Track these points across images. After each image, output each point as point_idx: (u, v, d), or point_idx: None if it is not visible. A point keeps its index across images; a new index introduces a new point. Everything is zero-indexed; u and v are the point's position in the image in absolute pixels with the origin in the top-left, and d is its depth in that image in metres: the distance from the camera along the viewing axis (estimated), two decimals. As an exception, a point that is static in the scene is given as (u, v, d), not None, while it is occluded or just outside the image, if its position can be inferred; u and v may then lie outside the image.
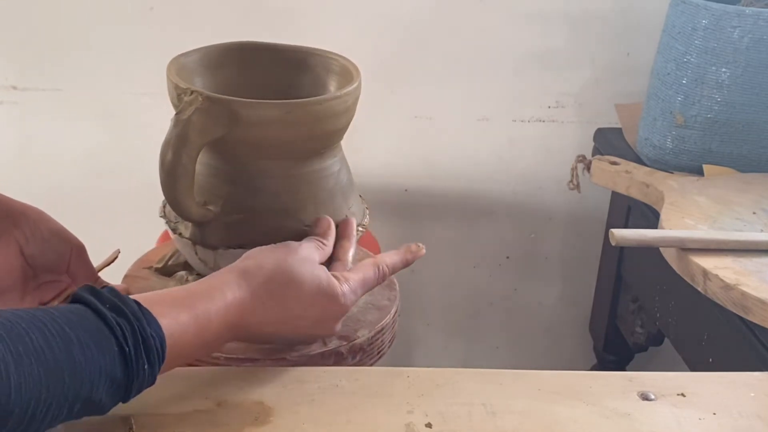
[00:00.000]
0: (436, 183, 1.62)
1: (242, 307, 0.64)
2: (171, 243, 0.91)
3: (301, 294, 0.67)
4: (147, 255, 0.92)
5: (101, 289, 0.57)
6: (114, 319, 0.55)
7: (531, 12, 1.51)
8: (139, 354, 0.55)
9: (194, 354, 0.63)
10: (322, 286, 0.68)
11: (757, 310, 0.89)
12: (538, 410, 0.65)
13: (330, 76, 0.85)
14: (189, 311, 0.61)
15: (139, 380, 0.56)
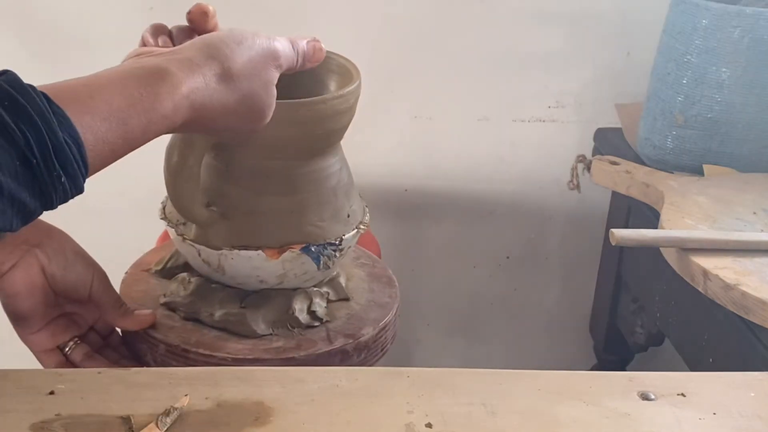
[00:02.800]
0: (436, 183, 1.62)
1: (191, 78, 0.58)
2: (169, 244, 0.91)
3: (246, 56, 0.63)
4: (145, 256, 0.92)
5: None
6: (14, 122, 0.45)
7: (531, 12, 1.51)
8: (51, 165, 0.47)
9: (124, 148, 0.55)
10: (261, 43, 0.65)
11: (757, 310, 0.89)
12: (538, 410, 0.65)
13: (330, 76, 0.85)
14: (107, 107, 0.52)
15: (58, 195, 0.49)
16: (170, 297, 0.83)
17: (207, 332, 0.79)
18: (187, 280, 0.83)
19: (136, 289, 0.85)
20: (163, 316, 0.81)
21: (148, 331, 0.79)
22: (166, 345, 0.78)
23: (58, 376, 0.65)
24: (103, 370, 0.66)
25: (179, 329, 0.79)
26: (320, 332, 0.82)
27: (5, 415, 0.60)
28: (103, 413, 0.61)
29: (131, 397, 0.63)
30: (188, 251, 0.80)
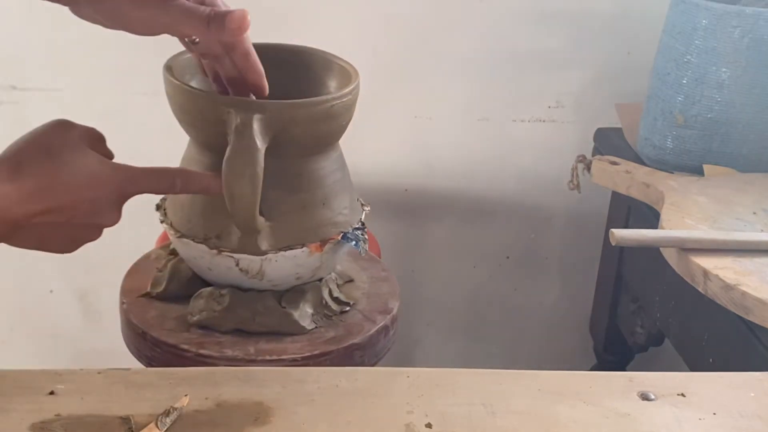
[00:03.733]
0: (436, 183, 1.62)
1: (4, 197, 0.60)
2: (146, 265, 0.91)
3: (70, 176, 0.63)
4: (127, 281, 0.89)
5: None
6: None
7: (531, 12, 1.51)
8: None
9: None
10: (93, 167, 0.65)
11: (758, 310, 0.89)
12: (538, 410, 0.65)
13: (329, 77, 0.85)
14: None
15: None
16: (203, 314, 0.82)
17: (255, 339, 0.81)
18: (218, 293, 0.83)
19: (149, 317, 0.83)
20: (199, 335, 0.81)
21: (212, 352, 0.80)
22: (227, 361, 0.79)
23: (58, 376, 0.65)
24: (103, 370, 0.66)
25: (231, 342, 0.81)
26: (355, 315, 0.87)
27: (5, 415, 0.60)
28: (103, 413, 0.61)
29: (131, 397, 0.63)
30: (220, 263, 0.80)
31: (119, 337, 0.90)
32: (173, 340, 0.80)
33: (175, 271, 0.86)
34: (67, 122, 0.67)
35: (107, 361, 0.77)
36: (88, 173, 0.64)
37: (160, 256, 0.93)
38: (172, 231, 0.82)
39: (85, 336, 1.67)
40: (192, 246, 0.80)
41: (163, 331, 0.82)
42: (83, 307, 1.66)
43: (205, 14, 0.66)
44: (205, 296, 0.83)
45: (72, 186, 0.63)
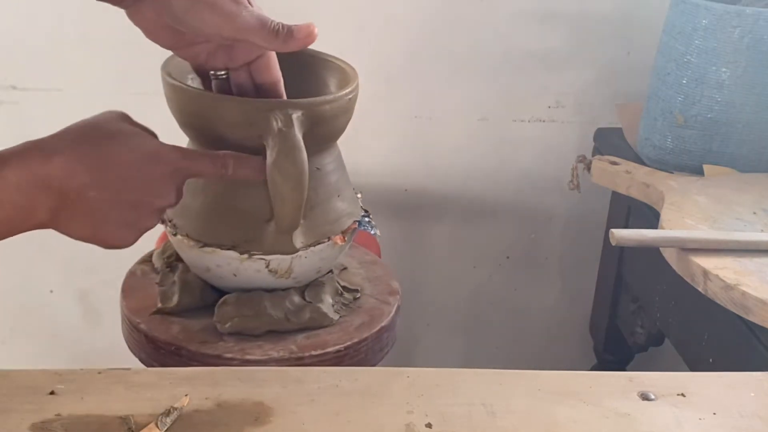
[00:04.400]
0: (436, 183, 1.62)
1: (46, 162, 0.60)
2: (142, 274, 0.90)
3: (121, 150, 0.63)
4: (129, 300, 0.88)
5: None
6: None
7: (531, 12, 1.51)
8: None
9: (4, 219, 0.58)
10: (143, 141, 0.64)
11: (758, 310, 0.89)
12: (538, 410, 0.65)
13: (329, 78, 0.85)
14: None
15: None
16: (236, 321, 0.82)
17: (291, 337, 0.83)
18: (245, 297, 0.83)
19: (175, 333, 0.82)
20: (235, 341, 0.81)
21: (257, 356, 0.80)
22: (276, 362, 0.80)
23: (58, 376, 0.65)
24: (103, 370, 0.66)
25: (270, 343, 0.82)
26: (368, 300, 0.90)
27: (5, 415, 0.60)
28: (103, 413, 0.61)
29: (131, 397, 0.63)
30: (249, 267, 0.80)
31: (119, 337, 0.90)
32: (214, 351, 0.80)
33: (184, 284, 0.85)
34: (118, 112, 0.67)
35: (107, 361, 0.77)
36: (143, 149, 0.64)
37: (146, 271, 0.91)
38: (191, 242, 0.80)
39: (85, 336, 1.67)
40: (219, 254, 0.80)
41: (199, 344, 0.81)
42: (83, 307, 1.66)
43: (275, 24, 0.67)
44: (232, 303, 0.83)
45: (125, 160, 0.63)
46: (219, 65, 0.74)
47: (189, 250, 0.81)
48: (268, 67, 0.75)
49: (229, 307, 0.82)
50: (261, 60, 0.74)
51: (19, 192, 0.58)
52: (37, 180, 0.59)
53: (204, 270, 0.83)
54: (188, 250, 0.82)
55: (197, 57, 0.73)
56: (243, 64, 0.74)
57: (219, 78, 0.75)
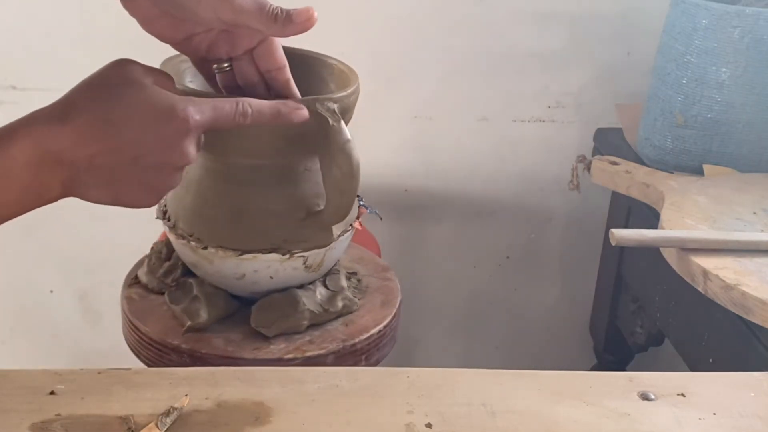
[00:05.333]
0: (436, 183, 1.62)
1: (55, 136, 0.57)
2: (140, 298, 0.88)
3: (130, 110, 0.59)
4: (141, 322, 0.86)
5: None
6: None
7: (531, 12, 1.51)
8: None
9: (15, 201, 0.56)
10: (155, 98, 0.60)
11: (758, 310, 0.89)
12: (538, 410, 0.65)
13: (329, 79, 0.85)
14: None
15: None
16: (281, 323, 0.83)
17: (328, 328, 0.85)
18: (283, 299, 0.83)
19: (217, 345, 0.82)
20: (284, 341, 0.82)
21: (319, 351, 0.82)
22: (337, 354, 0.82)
23: (58, 376, 0.65)
24: (103, 370, 0.66)
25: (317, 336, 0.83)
26: (369, 280, 0.93)
27: (5, 415, 0.60)
28: (103, 413, 0.61)
29: (131, 397, 0.63)
30: (287, 266, 0.81)
31: (119, 337, 0.90)
32: (273, 355, 0.81)
33: (208, 297, 0.84)
34: (126, 60, 0.63)
35: (107, 361, 0.77)
36: (150, 105, 0.60)
37: (141, 294, 0.89)
38: (227, 252, 0.80)
39: (85, 336, 1.67)
40: (259, 259, 0.80)
41: (255, 352, 0.81)
42: (83, 307, 1.66)
43: (274, 8, 0.65)
44: (270, 306, 0.83)
45: (132, 120, 0.59)
46: (221, 55, 0.72)
47: (223, 261, 0.80)
48: (272, 53, 0.72)
49: (270, 311, 0.83)
50: (264, 46, 0.72)
51: (28, 171, 0.56)
52: (48, 156, 0.57)
53: (237, 278, 0.82)
54: (222, 261, 0.81)
55: (198, 49, 0.71)
56: (246, 52, 0.72)
57: (223, 71, 0.73)
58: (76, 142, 0.58)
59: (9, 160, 0.55)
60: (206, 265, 0.82)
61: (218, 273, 0.82)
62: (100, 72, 0.62)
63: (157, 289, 0.88)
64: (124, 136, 0.59)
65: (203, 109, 0.63)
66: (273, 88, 0.74)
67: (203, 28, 0.69)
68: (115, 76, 0.61)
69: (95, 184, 0.60)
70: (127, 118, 0.59)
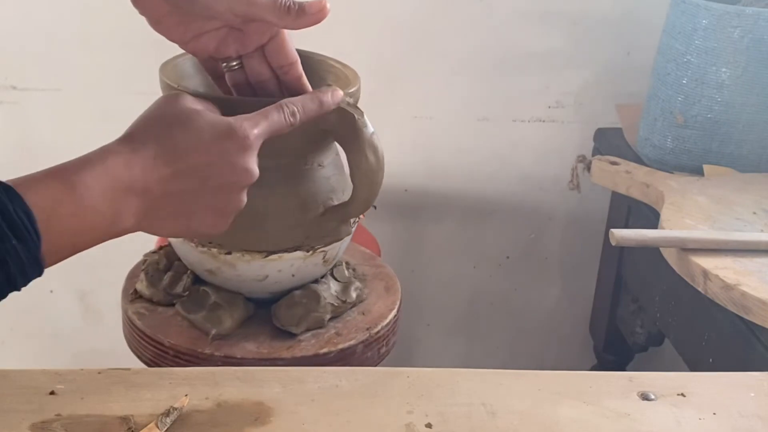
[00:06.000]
0: (436, 183, 1.62)
1: (127, 165, 0.58)
2: (149, 313, 0.87)
3: (192, 135, 0.61)
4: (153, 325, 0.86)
5: None
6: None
7: (531, 12, 1.51)
8: (3, 230, 0.50)
9: (87, 228, 0.56)
10: (212, 121, 0.62)
11: (758, 310, 0.89)
12: (538, 410, 0.65)
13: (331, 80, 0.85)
14: (61, 181, 0.55)
15: (14, 261, 0.51)
16: (309, 320, 0.84)
17: (345, 319, 0.86)
18: (300, 296, 0.84)
19: (250, 349, 0.82)
20: (313, 337, 0.83)
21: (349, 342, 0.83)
22: (365, 344, 0.84)
23: (58, 376, 0.65)
24: (103, 370, 0.66)
25: (341, 329, 0.85)
26: (362, 268, 0.95)
27: (5, 415, 0.60)
28: (103, 413, 0.61)
29: (131, 397, 0.63)
30: (309, 262, 0.82)
31: (119, 337, 0.90)
32: (309, 352, 0.81)
33: (229, 302, 0.84)
34: (175, 94, 0.65)
35: (107, 361, 0.77)
36: (210, 128, 0.61)
37: (149, 308, 0.87)
38: (252, 255, 0.80)
39: (85, 336, 1.67)
40: (284, 258, 0.80)
41: (291, 350, 0.82)
42: (83, 307, 1.66)
43: (287, 1, 0.65)
44: (294, 304, 0.84)
45: (196, 143, 0.61)
46: (230, 54, 0.72)
47: (247, 265, 0.81)
48: (284, 48, 0.72)
49: (294, 308, 0.83)
50: (275, 41, 0.71)
51: (103, 199, 0.56)
52: (121, 185, 0.57)
53: (259, 280, 0.82)
54: (246, 265, 0.81)
55: (206, 48, 0.71)
56: (256, 49, 0.72)
57: (232, 69, 0.73)
58: (147, 169, 0.59)
59: (84, 189, 0.55)
60: (227, 271, 0.82)
61: (239, 277, 0.82)
62: (155, 107, 0.64)
63: (164, 301, 0.86)
64: (191, 160, 0.60)
65: (258, 122, 0.63)
66: (285, 84, 0.74)
67: (213, 25, 0.69)
68: (171, 108, 0.63)
69: (167, 215, 0.61)
70: (191, 143, 0.60)
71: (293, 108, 0.67)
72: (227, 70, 0.73)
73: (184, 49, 0.72)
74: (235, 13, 0.66)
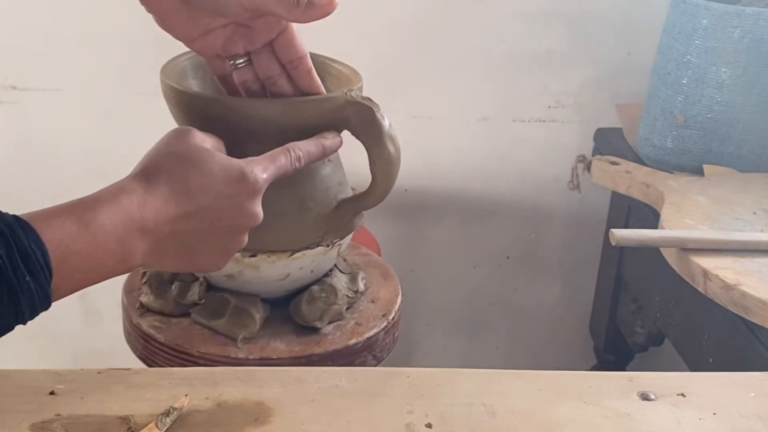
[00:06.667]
0: (436, 183, 1.62)
1: (140, 205, 0.58)
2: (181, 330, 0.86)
3: (204, 178, 0.61)
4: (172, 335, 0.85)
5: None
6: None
7: (531, 12, 1.51)
8: (16, 265, 0.50)
9: (97, 266, 0.57)
10: (224, 164, 0.63)
11: (758, 310, 0.89)
12: (538, 410, 0.65)
13: (329, 80, 0.85)
14: (75, 219, 0.55)
15: (25, 296, 0.51)
16: (329, 312, 0.85)
17: (359, 308, 0.89)
18: (318, 291, 0.86)
19: (284, 348, 0.83)
20: (335, 329, 0.85)
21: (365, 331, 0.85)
22: (385, 331, 0.87)
23: (58, 376, 0.65)
24: (103, 370, 0.66)
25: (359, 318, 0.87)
26: (352, 258, 0.96)
27: (5, 415, 0.60)
28: (103, 413, 0.61)
29: (131, 397, 0.63)
30: (326, 256, 0.84)
31: (119, 337, 0.90)
32: (340, 345, 0.83)
33: (251, 305, 0.84)
34: (186, 128, 0.65)
35: (107, 361, 0.77)
36: (222, 172, 0.62)
37: (163, 320, 0.86)
38: (276, 255, 0.81)
39: (85, 336, 1.67)
40: (308, 255, 0.81)
41: (324, 345, 0.83)
42: (83, 307, 1.66)
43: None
44: (315, 299, 0.85)
45: (208, 185, 0.61)
46: (238, 50, 0.72)
47: (271, 265, 0.81)
48: (293, 42, 0.72)
49: (316, 303, 0.85)
50: (283, 36, 0.71)
51: (115, 238, 0.57)
52: (133, 225, 0.58)
53: (280, 279, 0.83)
54: (270, 266, 0.81)
55: (213, 46, 0.71)
56: (265, 45, 0.72)
57: (239, 67, 0.73)
58: (160, 211, 0.59)
59: (97, 227, 0.56)
60: (249, 273, 0.82)
61: (260, 278, 0.83)
62: (167, 142, 0.64)
63: (176, 312, 0.86)
64: (202, 202, 0.61)
65: (266, 167, 0.65)
66: (295, 79, 0.74)
67: (220, 22, 0.69)
68: (183, 145, 0.63)
69: (173, 252, 0.62)
70: (203, 185, 0.61)
71: (299, 153, 0.68)
72: (234, 68, 0.73)
73: (191, 48, 0.71)
74: (244, 7, 0.66)
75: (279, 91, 0.74)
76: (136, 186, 0.59)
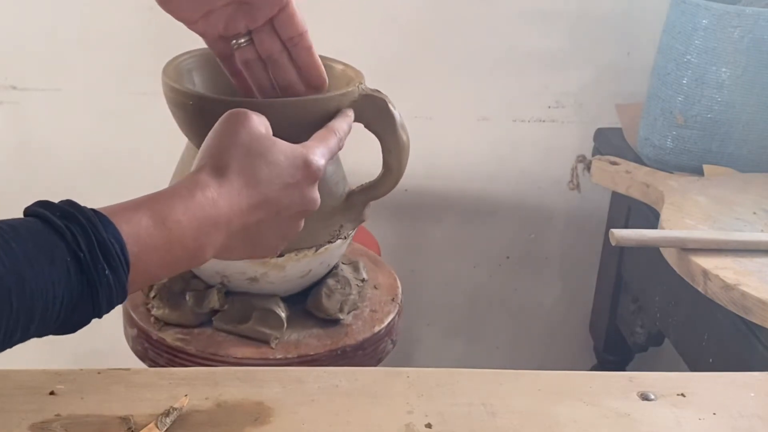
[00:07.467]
0: (436, 183, 1.62)
1: (214, 201, 0.59)
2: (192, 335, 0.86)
3: (272, 168, 0.62)
4: None
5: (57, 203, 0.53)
6: (64, 225, 0.50)
7: (531, 12, 1.51)
8: (96, 258, 0.50)
9: (172, 261, 0.57)
10: (288, 153, 0.64)
11: (758, 310, 0.89)
12: (538, 410, 0.65)
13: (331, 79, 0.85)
14: (151, 214, 0.55)
15: (104, 289, 0.51)
16: (347, 302, 0.87)
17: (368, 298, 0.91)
18: (333, 283, 0.88)
19: (316, 344, 0.84)
20: (353, 321, 0.87)
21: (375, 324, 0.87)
22: None
23: (58, 376, 0.65)
24: (103, 370, 0.66)
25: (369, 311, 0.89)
26: None
27: (5, 415, 0.60)
28: (103, 413, 0.61)
29: (131, 397, 0.63)
30: (339, 249, 0.86)
31: (119, 337, 0.90)
32: (366, 334, 0.86)
33: (276, 307, 0.85)
34: (241, 113, 0.65)
35: (107, 361, 0.77)
36: (287, 161, 0.63)
37: (183, 331, 0.85)
38: (305, 253, 0.82)
39: (85, 336, 1.67)
40: (329, 249, 0.84)
41: (354, 336, 0.85)
42: (83, 307, 1.66)
43: None
44: (333, 292, 0.87)
45: (276, 176, 0.62)
46: (240, 29, 0.72)
47: (296, 264, 0.82)
48: (293, 18, 0.72)
49: (335, 295, 0.86)
50: (284, 12, 0.71)
51: (190, 233, 0.57)
52: (208, 221, 0.58)
53: (301, 276, 0.84)
54: (294, 264, 0.82)
55: (215, 26, 0.71)
56: (266, 22, 0.72)
57: (241, 46, 0.73)
58: (233, 206, 0.60)
59: (173, 223, 0.56)
60: (274, 274, 0.83)
61: (285, 278, 0.83)
62: (230, 129, 0.64)
63: (194, 321, 0.85)
64: (269, 193, 0.62)
65: (323, 152, 0.67)
66: (296, 56, 0.74)
67: (222, 1, 0.69)
68: (245, 134, 0.63)
69: (240, 244, 0.63)
70: (271, 175, 0.62)
71: (341, 134, 0.71)
72: (237, 48, 0.73)
73: (192, 29, 0.71)
74: None
75: (280, 69, 0.74)
76: (210, 180, 0.60)
